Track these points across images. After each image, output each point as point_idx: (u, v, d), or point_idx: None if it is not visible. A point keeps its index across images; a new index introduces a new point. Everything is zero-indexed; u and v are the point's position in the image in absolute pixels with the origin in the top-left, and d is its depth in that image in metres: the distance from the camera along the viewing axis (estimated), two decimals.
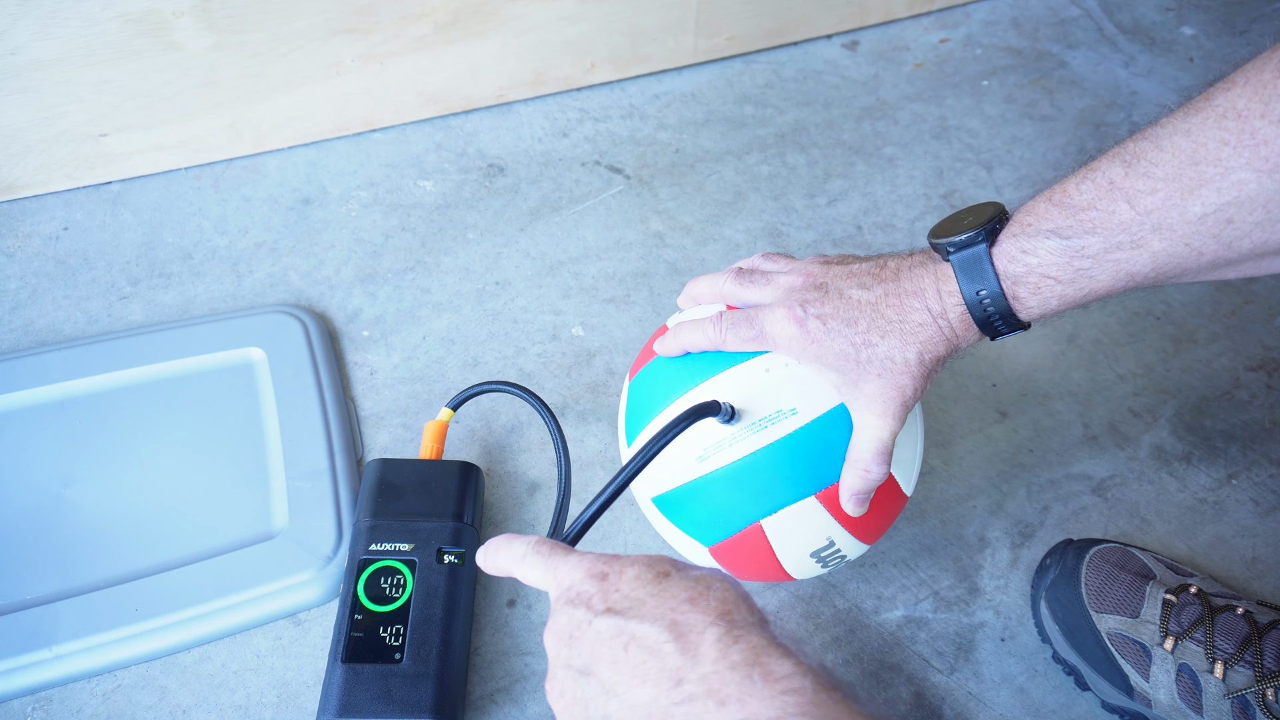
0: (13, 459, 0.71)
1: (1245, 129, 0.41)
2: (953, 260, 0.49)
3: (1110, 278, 0.46)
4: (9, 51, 0.79)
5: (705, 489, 0.55)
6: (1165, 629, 0.59)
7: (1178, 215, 0.43)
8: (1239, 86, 0.42)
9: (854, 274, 0.52)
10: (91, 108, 0.85)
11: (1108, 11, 1.10)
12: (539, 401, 0.70)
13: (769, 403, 0.53)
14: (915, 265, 0.51)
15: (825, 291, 0.51)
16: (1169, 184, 0.43)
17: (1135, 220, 0.44)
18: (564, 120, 0.98)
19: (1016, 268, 0.48)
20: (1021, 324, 0.50)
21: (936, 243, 0.50)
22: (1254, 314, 0.84)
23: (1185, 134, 0.43)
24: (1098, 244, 0.45)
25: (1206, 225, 0.43)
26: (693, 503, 0.56)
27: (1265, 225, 0.42)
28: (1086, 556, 0.63)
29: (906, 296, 0.50)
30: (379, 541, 0.64)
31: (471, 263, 0.86)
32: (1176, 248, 0.44)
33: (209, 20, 0.83)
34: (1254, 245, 0.43)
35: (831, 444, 0.53)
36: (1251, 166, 0.41)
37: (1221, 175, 0.42)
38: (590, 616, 0.40)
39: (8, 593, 0.64)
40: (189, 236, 0.87)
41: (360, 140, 0.96)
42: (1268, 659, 0.56)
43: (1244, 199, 0.42)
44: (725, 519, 0.55)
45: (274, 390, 0.74)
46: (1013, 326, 0.50)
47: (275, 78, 0.89)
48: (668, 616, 0.38)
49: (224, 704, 0.62)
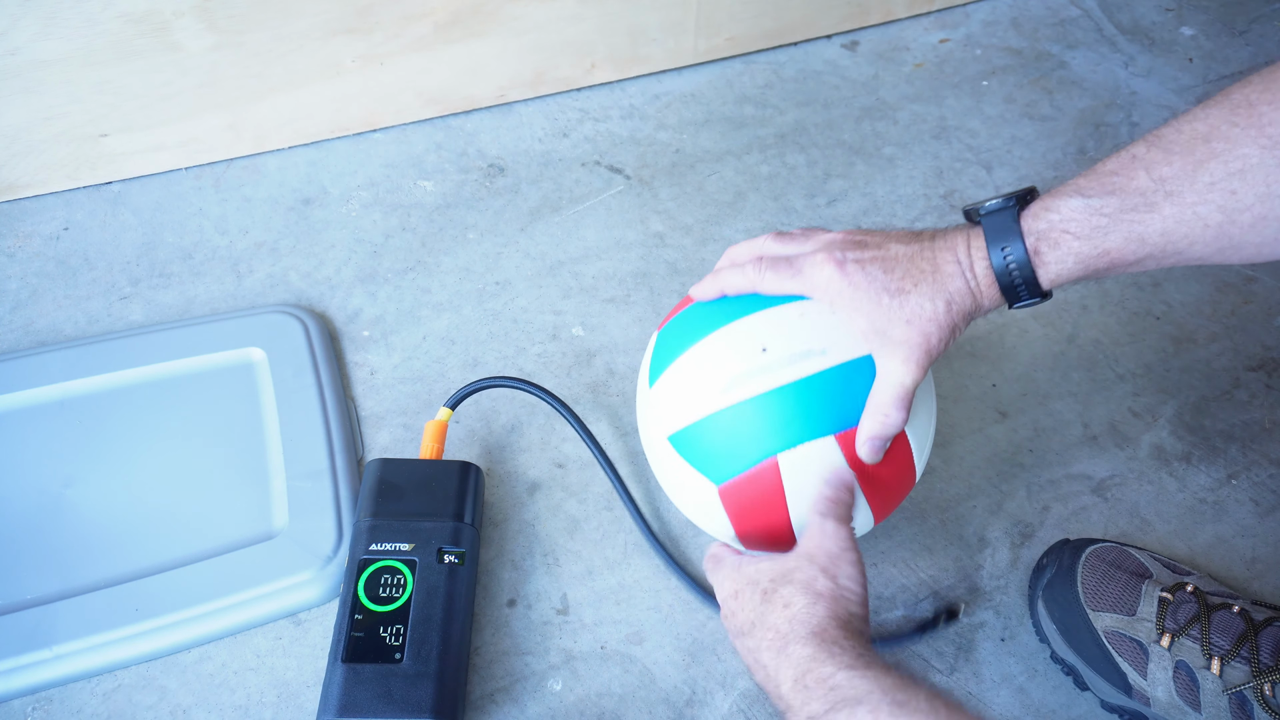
0: (13, 459, 0.71)
1: (1254, 113, 0.47)
2: (983, 220, 0.53)
3: (1122, 239, 0.50)
4: (9, 52, 0.79)
5: (728, 420, 0.56)
6: (1162, 626, 0.59)
7: (1188, 184, 0.48)
8: (1253, 83, 0.48)
9: (892, 235, 0.56)
10: (92, 108, 0.85)
11: (1107, 12, 1.10)
12: (538, 389, 0.70)
13: (800, 341, 0.55)
14: (951, 231, 0.56)
15: (865, 245, 0.55)
16: (1183, 157, 0.49)
17: (1150, 186, 0.49)
18: (564, 120, 0.98)
19: (1039, 224, 0.52)
20: (1041, 290, 0.53)
21: (970, 207, 0.55)
22: (1253, 314, 0.84)
23: (1202, 119, 0.49)
24: (1114, 204, 0.50)
25: (1213, 195, 0.48)
26: (712, 435, 0.56)
27: (1265, 199, 0.47)
28: (1083, 556, 0.64)
29: (940, 250, 0.54)
30: (379, 541, 0.64)
31: (471, 263, 0.86)
32: (1185, 214, 0.49)
33: (209, 20, 0.83)
34: (1253, 219, 0.48)
35: (855, 390, 0.55)
36: (1256, 143, 0.47)
37: (1228, 150, 0.47)
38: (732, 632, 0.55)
39: (8, 593, 0.65)
40: (189, 236, 0.87)
41: (360, 140, 0.96)
42: (1264, 654, 0.56)
43: (1247, 170, 0.47)
44: (743, 451, 0.55)
45: (274, 390, 0.75)
46: (1032, 292, 0.53)
47: (275, 78, 0.89)
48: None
49: (224, 704, 0.62)
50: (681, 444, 0.58)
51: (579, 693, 0.63)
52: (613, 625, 0.66)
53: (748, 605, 0.52)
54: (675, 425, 0.58)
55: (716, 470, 0.57)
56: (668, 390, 0.59)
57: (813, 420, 0.55)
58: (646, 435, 0.62)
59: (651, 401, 0.61)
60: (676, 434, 0.58)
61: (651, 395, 0.60)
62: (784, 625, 0.49)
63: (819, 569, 0.51)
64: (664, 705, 0.63)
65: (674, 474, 0.60)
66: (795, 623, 0.49)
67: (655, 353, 0.61)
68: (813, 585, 0.50)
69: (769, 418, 0.55)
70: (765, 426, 0.55)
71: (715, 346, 0.57)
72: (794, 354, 0.55)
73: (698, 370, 0.57)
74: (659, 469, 0.62)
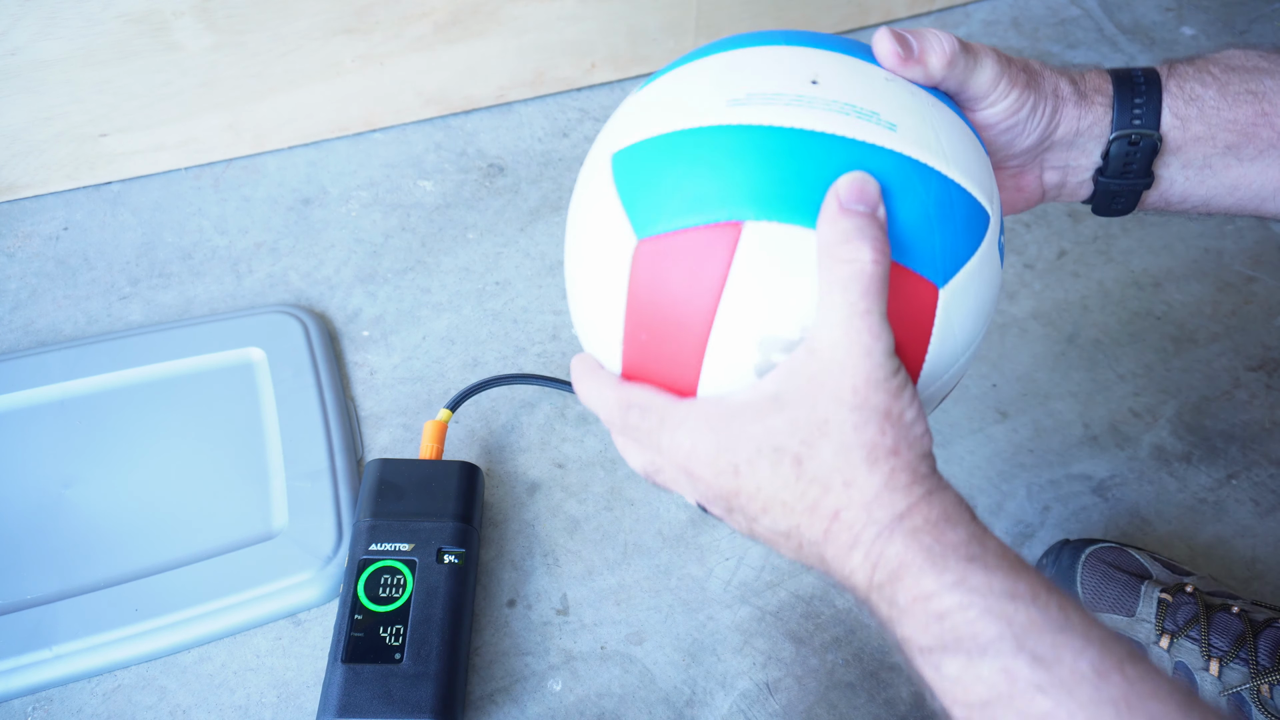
0: (13, 459, 0.71)
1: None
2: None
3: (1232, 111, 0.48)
4: (9, 52, 0.79)
5: (716, 144, 0.39)
6: (1161, 627, 0.59)
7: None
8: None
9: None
10: (91, 108, 0.85)
11: (1108, 11, 1.10)
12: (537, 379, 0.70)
13: (872, 102, 0.40)
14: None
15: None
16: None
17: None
18: (564, 120, 0.98)
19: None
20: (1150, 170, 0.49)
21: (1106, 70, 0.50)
22: (1254, 314, 0.84)
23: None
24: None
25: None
26: (678, 160, 0.39)
27: None
28: (1082, 556, 0.64)
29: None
30: (379, 541, 0.64)
31: (471, 263, 0.86)
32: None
33: (209, 20, 0.83)
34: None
35: (910, 202, 0.39)
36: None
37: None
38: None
39: (8, 593, 0.65)
40: (189, 236, 0.87)
41: (360, 140, 0.96)
42: (1262, 656, 0.56)
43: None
44: (709, 197, 0.38)
45: (274, 390, 0.75)
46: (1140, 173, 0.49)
47: (275, 78, 0.89)
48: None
49: (224, 704, 0.62)
50: (626, 165, 0.41)
51: (579, 693, 0.63)
52: (613, 625, 0.66)
53: (768, 479, 0.38)
54: (635, 135, 0.41)
55: (653, 215, 0.39)
56: (657, 93, 0.43)
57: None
58: (587, 161, 0.44)
59: (621, 112, 0.44)
60: (629, 149, 0.41)
61: (626, 104, 0.44)
62: (851, 514, 0.37)
63: (877, 412, 0.37)
64: (664, 705, 0.63)
65: (588, 220, 0.42)
66: (871, 513, 0.37)
67: (674, 62, 0.45)
68: (876, 445, 0.37)
69: (774, 165, 0.38)
70: (762, 175, 0.38)
71: (756, 57, 0.42)
72: (855, 107, 0.39)
73: (715, 75, 0.41)
74: (573, 220, 0.44)
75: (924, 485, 0.37)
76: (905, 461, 0.37)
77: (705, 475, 0.40)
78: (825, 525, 0.38)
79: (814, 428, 0.37)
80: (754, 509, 0.40)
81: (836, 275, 0.37)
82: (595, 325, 0.43)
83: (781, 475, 0.38)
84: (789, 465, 0.38)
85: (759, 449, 0.38)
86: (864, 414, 0.37)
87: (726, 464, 0.39)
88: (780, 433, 0.38)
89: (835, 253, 0.37)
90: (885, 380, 0.37)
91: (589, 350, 0.46)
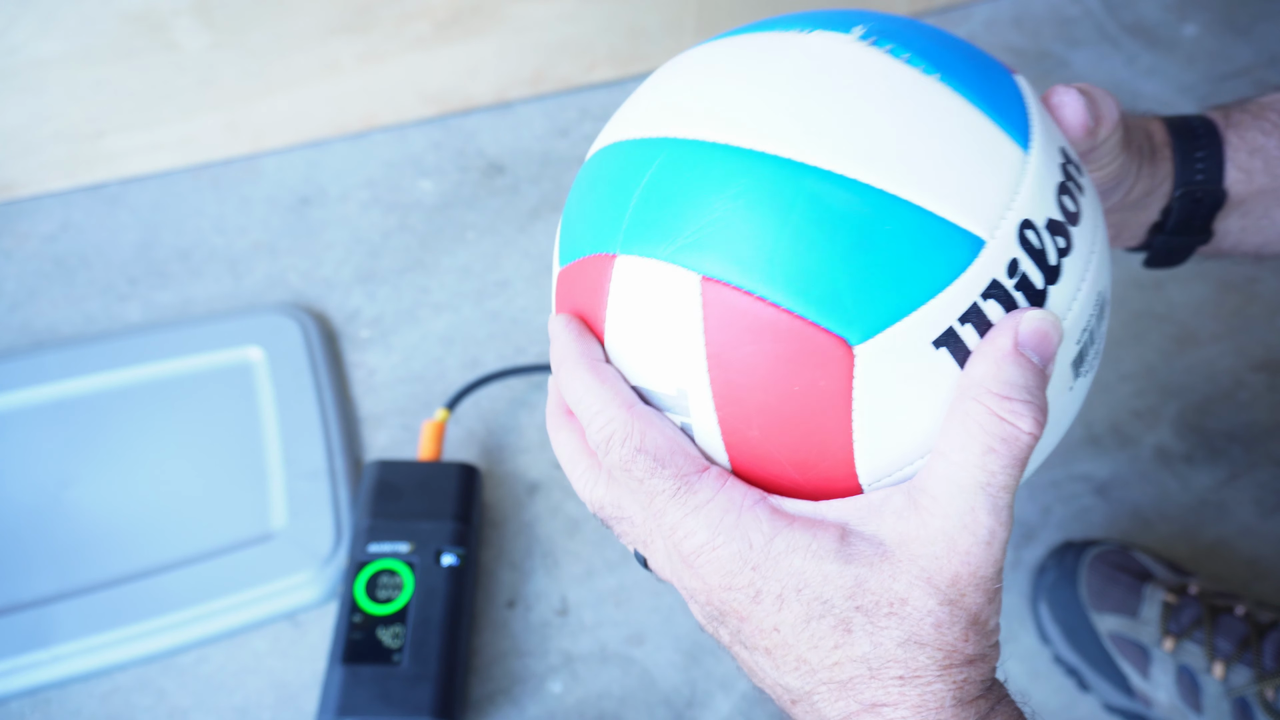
0: (12, 459, 0.71)
1: None
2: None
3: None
4: (7, 51, 0.79)
5: (624, 160, 0.33)
6: (1165, 629, 0.59)
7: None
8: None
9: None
10: (90, 107, 0.85)
11: (1110, 10, 1.10)
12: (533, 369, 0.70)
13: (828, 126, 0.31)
14: None
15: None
16: None
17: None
18: (564, 119, 0.98)
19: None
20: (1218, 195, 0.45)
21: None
22: (1257, 314, 0.84)
23: None
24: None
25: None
26: (604, 178, 0.34)
27: None
28: (1086, 557, 0.63)
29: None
30: (378, 542, 0.63)
31: (471, 262, 0.86)
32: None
33: (208, 20, 0.83)
34: None
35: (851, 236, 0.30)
36: None
37: None
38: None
39: (7, 593, 0.64)
40: (187, 236, 0.87)
41: (359, 140, 0.95)
42: (1267, 658, 0.56)
43: None
44: (600, 223, 0.33)
45: (273, 390, 0.74)
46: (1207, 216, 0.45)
47: (274, 77, 0.88)
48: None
49: (222, 705, 0.62)
50: (581, 177, 0.37)
51: (579, 694, 0.63)
52: (612, 626, 0.66)
53: (793, 628, 0.31)
54: (601, 140, 0.36)
55: (571, 241, 0.35)
56: (651, 87, 0.36)
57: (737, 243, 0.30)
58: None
59: (624, 104, 0.38)
60: (594, 154, 0.36)
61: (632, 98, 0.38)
62: (898, 715, 0.30)
63: (968, 614, 0.30)
64: (664, 707, 0.63)
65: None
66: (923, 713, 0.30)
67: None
68: (955, 651, 0.30)
69: (650, 196, 0.31)
70: (625, 205, 0.32)
71: (752, 45, 0.34)
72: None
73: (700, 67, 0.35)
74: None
75: (990, 699, 0.31)
76: (979, 673, 0.31)
77: (711, 581, 0.32)
78: (855, 712, 0.31)
79: (884, 601, 0.30)
80: (757, 642, 0.32)
81: (984, 431, 0.29)
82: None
83: (814, 633, 0.31)
84: (830, 627, 0.30)
85: (798, 590, 0.30)
86: (954, 612, 0.30)
87: (746, 583, 0.31)
88: (834, 584, 0.30)
89: (991, 403, 0.29)
90: (991, 580, 0.30)
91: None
